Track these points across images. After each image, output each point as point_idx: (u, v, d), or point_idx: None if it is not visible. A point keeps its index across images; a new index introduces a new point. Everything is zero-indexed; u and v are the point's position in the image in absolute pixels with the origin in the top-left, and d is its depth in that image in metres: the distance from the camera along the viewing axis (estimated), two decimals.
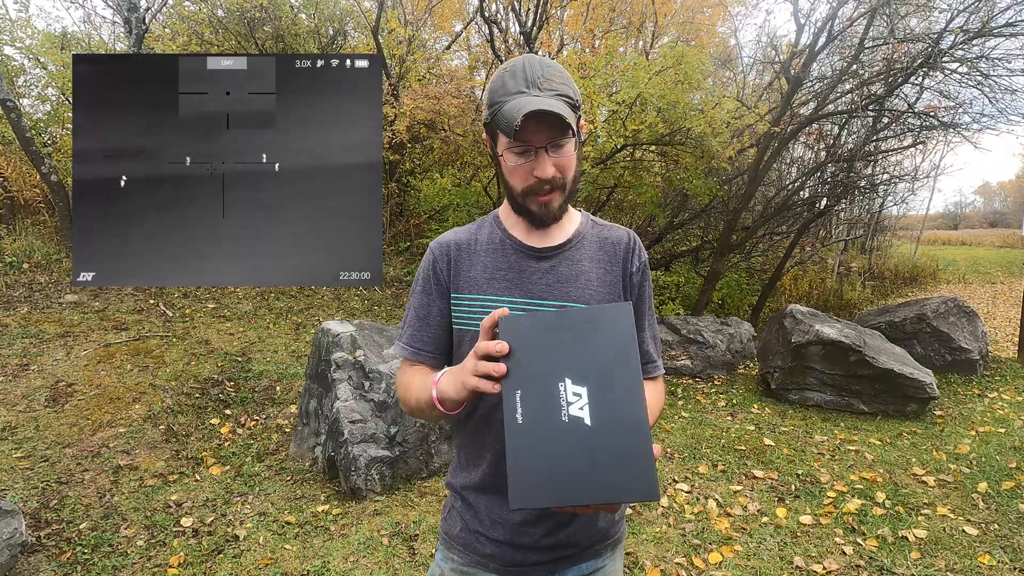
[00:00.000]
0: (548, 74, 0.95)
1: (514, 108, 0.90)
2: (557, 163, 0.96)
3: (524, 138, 0.93)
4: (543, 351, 0.75)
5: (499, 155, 0.99)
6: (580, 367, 0.73)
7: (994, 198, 58.10)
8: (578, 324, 0.75)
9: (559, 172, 0.96)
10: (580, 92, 1.09)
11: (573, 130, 0.93)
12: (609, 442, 0.70)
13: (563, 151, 0.95)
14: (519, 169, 0.97)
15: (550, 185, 0.97)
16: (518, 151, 0.95)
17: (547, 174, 0.95)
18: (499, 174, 1.06)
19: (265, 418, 3.92)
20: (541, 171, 0.95)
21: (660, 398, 1.11)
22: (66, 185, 5.72)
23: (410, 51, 7.82)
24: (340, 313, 6.18)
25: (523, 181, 0.97)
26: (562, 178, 0.98)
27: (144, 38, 6.32)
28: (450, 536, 1.09)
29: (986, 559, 2.51)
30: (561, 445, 0.70)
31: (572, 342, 0.75)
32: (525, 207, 1.00)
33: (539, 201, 0.98)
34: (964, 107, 6.57)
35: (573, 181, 1.00)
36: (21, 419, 3.45)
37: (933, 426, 4.19)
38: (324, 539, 2.66)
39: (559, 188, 0.98)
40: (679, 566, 2.50)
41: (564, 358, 0.74)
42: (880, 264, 14.03)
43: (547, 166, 0.95)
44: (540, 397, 0.72)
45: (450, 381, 0.87)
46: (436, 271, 1.05)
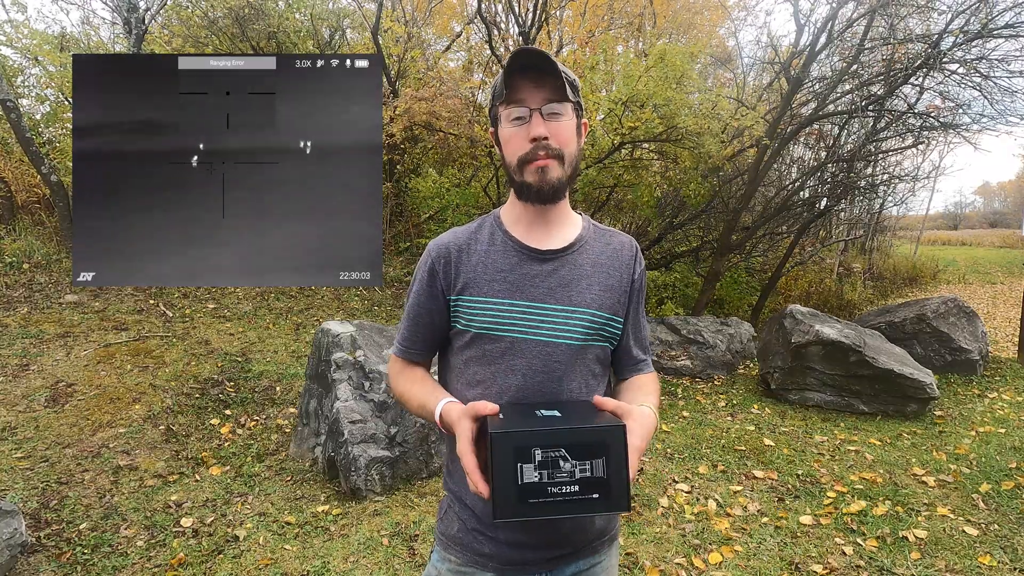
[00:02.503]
0: (549, 60, 0.97)
1: (511, 67, 0.95)
2: (552, 129, 0.96)
3: (518, 97, 0.94)
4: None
5: (499, 138, 1.01)
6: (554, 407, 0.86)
7: (994, 198, 58.14)
8: (573, 443, 0.77)
9: (555, 139, 0.97)
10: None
11: (568, 92, 0.95)
12: (571, 413, 0.81)
13: (559, 118, 0.96)
14: (515, 137, 0.97)
15: (545, 149, 0.96)
16: (514, 116, 0.96)
17: (540, 132, 0.95)
18: (501, 163, 1.09)
19: (265, 418, 3.92)
20: (535, 130, 0.95)
21: (656, 385, 1.14)
22: (66, 185, 5.72)
23: (408, 50, 7.82)
24: (340, 313, 6.18)
25: (519, 149, 0.97)
26: (558, 147, 0.97)
27: (143, 38, 6.32)
28: (447, 536, 1.09)
29: (986, 559, 2.51)
30: (534, 418, 0.80)
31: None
32: (523, 181, 0.99)
33: (535, 166, 0.97)
34: (964, 108, 6.57)
35: (572, 157, 1.00)
36: (21, 419, 3.45)
37: (933, 426, 4.19)
38: (324, 539, 2.66)
39: (556, 156, 0.97)
40: (679, 566, 2.50)
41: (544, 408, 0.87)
42: (880, 264, 14.03)
43: (540, 126, 0.95)
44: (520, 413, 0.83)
45: (449, 420, 0.93)
46: (432, 272, 1.05)
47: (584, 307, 1.01)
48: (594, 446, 0.73)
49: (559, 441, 0.72)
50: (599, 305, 1.03)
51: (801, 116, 7.03)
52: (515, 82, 0.95)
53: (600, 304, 1.03)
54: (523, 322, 1.00)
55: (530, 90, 0.95)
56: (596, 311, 1.02)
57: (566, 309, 1.01)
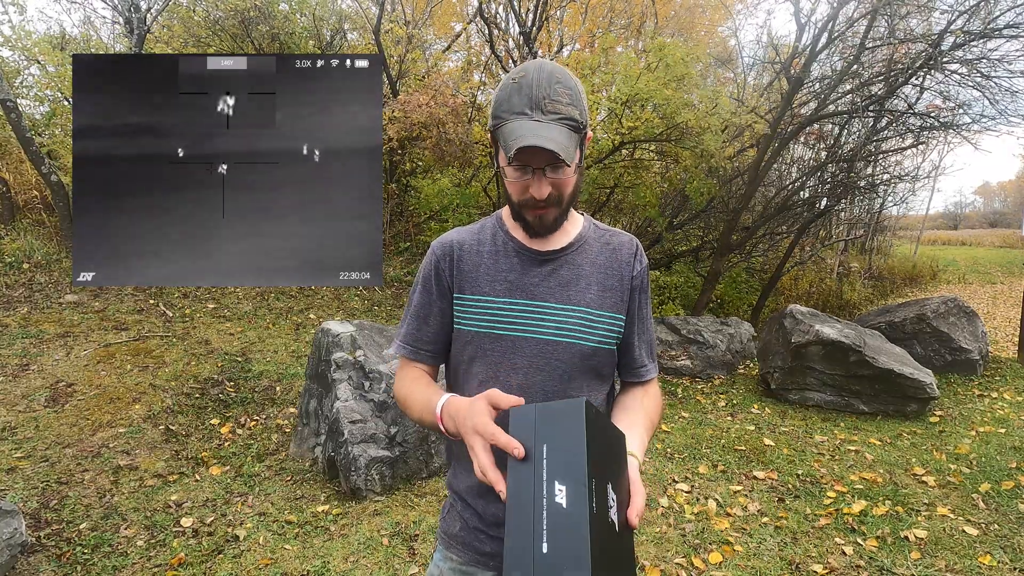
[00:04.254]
0: (555, 93, 0.93)
1: (513, 133, 0.91)
2: (554, 182, 0.97)
3: (522, 161, 0.94)
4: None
5: (499, 164, 1.01)
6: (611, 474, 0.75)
7: (994, 198, 58.12)
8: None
9: (556, 190, 0.98)
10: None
11: (573, 154, 0.93)
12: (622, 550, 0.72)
13: (561, 172, 0.96)
14: (516, 184, 0.98)
15: (545, 203, 0.98)
16: (516, 167, 0.96)
17: (542, 195, 0.96)
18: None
19: (265, 418, 3.92)
20: (537, 191, 0.96)
21: (656, 403, 1.10)
22: (66, 185, 5.72)
23: (409, 51, 7.82)
24: (340, 313, 6.18)
25: (520, 195, 0.99)
26: (558, 195, 0.99)
27: (145, 38, 6.32)
28: (449, 535, 1.09)
29: (986, 559, 2.51)
30: (605, 543, 0.68)
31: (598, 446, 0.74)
32: (522, 216, 1.02)
33: (534, 214, 1.00)
34: (964, 108, 6.57)
35: (571, 196, 1.02)
36: (21, 419, 3.45)
37: (933, 426, 4.19)
38: (324, 539, 2.66)
39: (554, 204, 0.99)
40: (679, 566, 2.50)
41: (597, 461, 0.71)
42: (880, 264, 14.03)
43: (543, 187, 0.95)
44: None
45: (452, 423, 0.87)
46: (438, 271, 1.06)
47: (584, 306, 1.02)
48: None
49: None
50: (598, 304, 1.03)
51: (801, 116, 7.03)
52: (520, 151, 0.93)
53: (600, 303, 1.03)
54: (524, 321, 1.00)
55: (533, 154, 0.92)
56: (595, 310, 1.03)
57: (566, 308, 1.01)
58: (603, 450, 0.73)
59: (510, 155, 0.90)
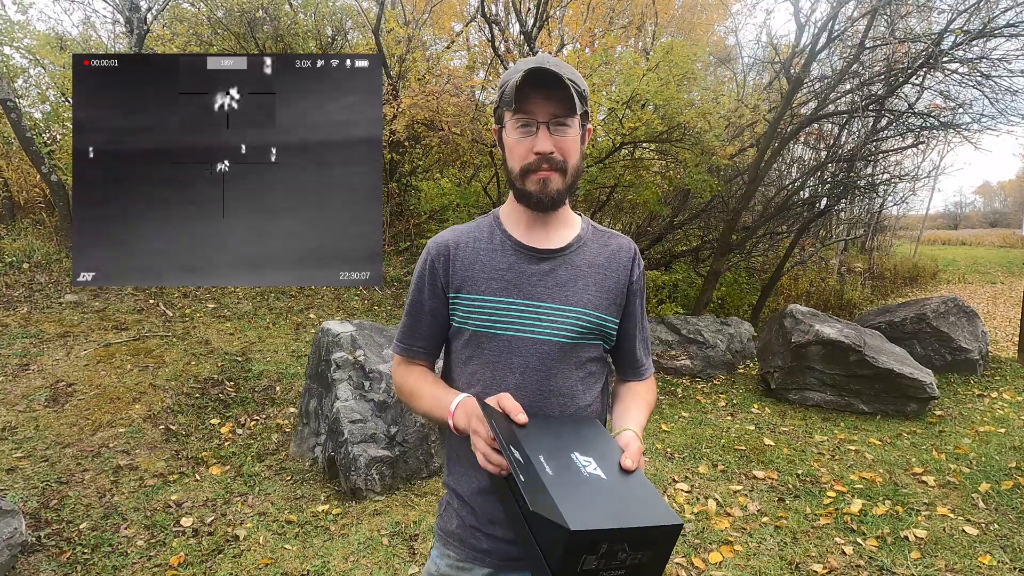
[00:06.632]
0: (559, 63, 0.97)
1: (518, 70, 0.94)
2: (558, 143, 0.97)
3: (527, 109, 0.95)
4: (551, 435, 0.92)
5: (503, 141, 1.02)
6: (584, 449, 0.89)
7: (994, 198, 58.08)
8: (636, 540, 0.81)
9: (559, 153, 0.97)
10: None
11: (576, 106, 0.95)
12: (626, 489, 0.83)
13: (566, 132, 0.97)
14: (519, 146, 0.98)
15: (548, 163, 0.97)
16: (520, 125, 0.96)
17: (546, 148, 0.96)
18: (502, 164, 1.10)
19: (265, 418, 3.92)
20: (540, 145, 0.96)
21: (652, 394, 1.16)
22: (66, 185, 5.72)
23: (409, 50, 7.82)
24: (340, 313, 6.18)
25: (522, 159, 0.98)
26: (562, 159, 0.98)
27: (145, 38, 6.32)
28: (446, 532, 1.10)
29: (986, 559, 2.51)
30: (592, 488, 0.81)
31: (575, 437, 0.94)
32: (524, 190, 1.01)
33: (537, 178, 0.98)
34: (964, 107, 6.57)
35: (574, 169, 1.01)
36: (21, 419, 3.46)
37: (933, 426, 4.19)
38: (324, 539, 2.66)
39: (558, 169, 0.98)
40: (679, 566, 2.50)
41: (571, 443, 0.91)
42: (880, 264, 14.02)
43: (546, 141, 0.96)
44: (559, 461, 0.84)
45: (464, 422, 0.95)
46: (432, 270, 1.06)
47: (580, 307, 1.02)
48: (652, 540, 0.77)
49: (628, 537, 0.76)
50: (595, 305, 1.04)
51: (801, 116, 7.02)
52: (525, 92, 0.95)
53: (596, 304, 1.04)
54: (520, 321, 1.01)
55: (539, 102, 0.95)
56: (591, 311, 1.03)
57: (562, 308, 1.01)
58: (551, 432, 0.92)
59: (515, 83, 0.92)
